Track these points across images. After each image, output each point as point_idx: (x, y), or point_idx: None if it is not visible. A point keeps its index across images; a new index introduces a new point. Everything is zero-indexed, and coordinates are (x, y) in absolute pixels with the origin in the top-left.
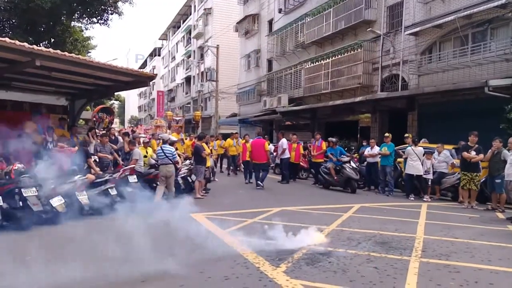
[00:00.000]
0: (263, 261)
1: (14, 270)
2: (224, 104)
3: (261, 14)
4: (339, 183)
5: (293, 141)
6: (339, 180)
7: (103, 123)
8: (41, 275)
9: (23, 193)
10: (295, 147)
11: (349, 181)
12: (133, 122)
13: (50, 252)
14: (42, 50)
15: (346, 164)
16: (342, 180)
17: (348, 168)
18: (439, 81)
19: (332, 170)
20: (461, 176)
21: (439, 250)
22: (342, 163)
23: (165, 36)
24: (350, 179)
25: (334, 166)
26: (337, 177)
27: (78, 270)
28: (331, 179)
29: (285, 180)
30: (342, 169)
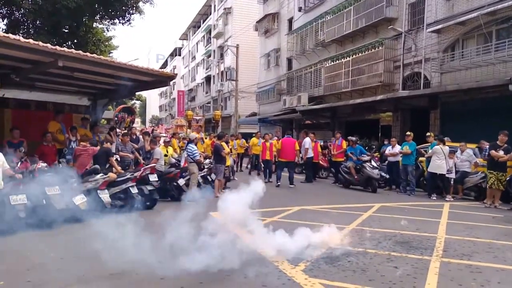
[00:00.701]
0: (282, 259)
1: (42, 267)
2: (243, 103)
3: (280, 13)
4: (360, 182)
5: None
6: (359, 179)
7: (125, 122)
8: (67, 272)
9: (47, 191)
10: (312, 146)
11: (370, 181)
12: (154, 122)
13: (75, 249)
14: (64, 51)
15: (367, 163)
16: (362, 180)
17: (369, 167)
18: (462, 79)
19: (353, 169)
20: (488, 175)
21: (461, 250)
22: (363, 162)
23: (186, 36)
24: (370, 178)
25: (354, 165)
26: (358, 176)
27: (100, 266)
28: (351, 178)
29: (308, 179)
30: (363, 168)
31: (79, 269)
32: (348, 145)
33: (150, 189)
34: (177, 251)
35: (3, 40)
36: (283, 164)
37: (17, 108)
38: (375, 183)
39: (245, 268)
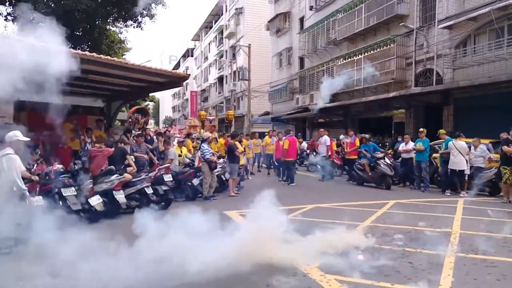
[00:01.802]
0: (296, 256)
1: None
2: (256, 102)
3: (292, 12)
4: (374, 179)
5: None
6: (373, 176)
7: (139, 123)
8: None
9: (63, 193)
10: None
11: (384, 178)
12: (167, 123)
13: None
14: (78, 53)
15: (380, 160)
16: (376, 177)
17: (383, 164)
18: (474, 74)
19: (366, 166)
20: (502, 171)
21: (476, 245)
22: (376, 159)
23: (198, 37)
24: (384, 175)
25: (368, 163)
26: (372, 173)
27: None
28: (365, 176)
29: (327, 177)
30: (376, 165)
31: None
32: (362, 143)
33: (165, 189)
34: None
35: None
36: (288, 163)
37: (32, 111)
38: (389, 180)
39: (260, 266)
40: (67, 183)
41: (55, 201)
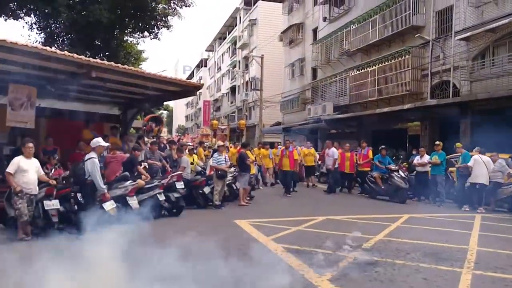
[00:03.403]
0: (307, 268)
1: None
2: (268, 112)
3: (305, 23)
4: (387, 192)
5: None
6: (386, 189)
7: (153, 131)
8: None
9: (78, 197)
10: (348, 156)
11: (398, 191)
12: (180, 131)
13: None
14: (97, 62)
15: (395, 173)
16: (390, 190)
17: (397, 177)
18: (493, 87)
19: (378, 179)
20: None
21: (494, 262)
22: (391, 171)
23: (212, 47)
24: (399, 188)
25: (380, 175)
26: (385, 186)
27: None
28: (377, 188)
29: (330, 190)
30: (391, 178)
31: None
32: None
33: (176, 196)
34: (198, 259)
35: (42, 52)
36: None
37: (51, 117)
38: (404, 193)
39: (271, 277)
40: None
41: (71, 205)
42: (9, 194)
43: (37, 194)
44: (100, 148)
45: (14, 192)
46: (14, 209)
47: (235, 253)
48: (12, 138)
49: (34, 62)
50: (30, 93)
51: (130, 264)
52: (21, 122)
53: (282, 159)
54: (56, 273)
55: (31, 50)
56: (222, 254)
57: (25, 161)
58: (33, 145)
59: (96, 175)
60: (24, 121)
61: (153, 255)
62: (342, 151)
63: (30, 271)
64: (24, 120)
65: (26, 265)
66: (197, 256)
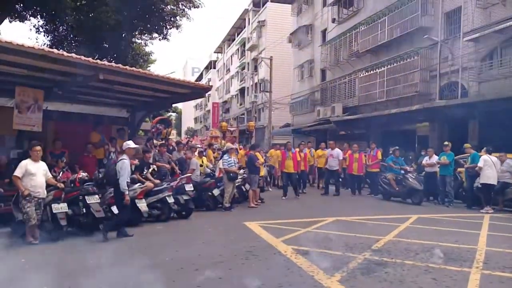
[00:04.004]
0: (317, 270)
1: (81, 274)
2: (277, 114)
3: (314, 25)
4: (401, 194)
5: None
6: (400, 190)
7: (161, 134)
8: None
9: (87, 200)
10: (357, 157)
11: (413, 192)
12: (189, 133)
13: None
14: (105, 64)
15: (409, 174)
16: (404, 191)
17: (411, 179)
18: (501, 87)
19: (392, 180)
20: None
21: (503, 262)
22: (405, 172)
23: (220, 49)
24: (414, 189)
25: (394, 176)
26: (399, 187)
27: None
28: (391, 190)
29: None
30: (405, 179)
31: (117, 276)
32: (391, 155)
33: (186, 199)
34: (208, 260)
35: (49, 54)
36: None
37: (59, 120)
38: (420, 194)
39: (280, 278)
40: (91, 191)
41: (80, 208)
42: (16, 197)
43: (45, 198)
44: (130, 150)
45: (22, 196)
46: (22, 213)
47: (245, 255)
48: (20, 142)
49: (40, 64)
50: (37, 96)
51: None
52: (28, 125)
53: (284, 161)
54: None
55: (38, 52)
56: (231, 256)
57: (32, 165)
58: (41, 148)
59: (123, 175)
60: (31, 124)
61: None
62: (351, 152)
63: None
64: (31, 123)
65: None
66: (206, 259)
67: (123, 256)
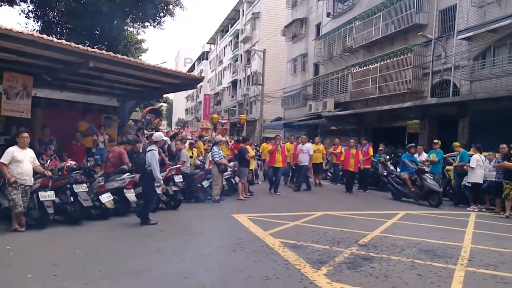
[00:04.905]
0: (304, 263)
1: (68, 262)
2: (269, 108)
3: (309, 18)
4: (417, 195)
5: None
6: (417, 192)
7: (152, 124)
8: (92, 268)
9: (74, 189)
10: (353, 153)
11: (430, 194)
12: (180, 124)
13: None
14: (95, 52)
15: (426, 175)
16: (421, 193)
17: (429, 179)
18: (492, 87)
19: (408, 180)
20: (504, 186)
21: (487, 260)
22: (422, 173)
23: (213, 40)
24: (431, 191)
25: (409, 176)
26: (414, 188)
27: (124, 263)
28: (405, 191)
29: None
30: (422, 180)
31: (104, 265)
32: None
33: (175, 190)
34: (196, 250)
35: (38, 40)
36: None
37: (48, 107)
38: (440, 196)
39: (266, 270)
40: (79, 180)
41: (67, 197)
42: (3, 184)
43: (32, 185)
44: (161, 141)
45: (8, 183)
46: (8, 200)
47: (232, 247)
48: (7, 128)
49: (30, 50)
50: (26, 82)
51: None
52: (17, 111)
53: (275, 155)
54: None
55: (26, 37)
56: (219, 248)
57: (19, 152)
58: (29, 135)
59: (154, 165)
60: (20, 110)
61: (150, 249)
62: (346, 147)
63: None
64: (20, 110)
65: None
66: (194, 250)
67: (109, 246)
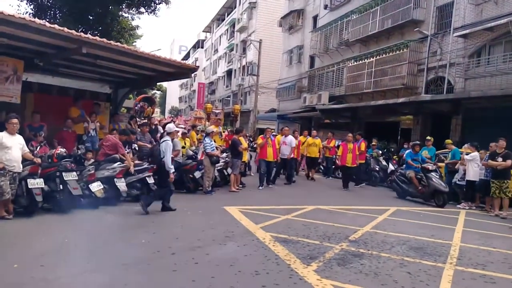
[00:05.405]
0: (294, 258)
1: (56, 252)
2: (263, 99)
3: (306, 10)
4: (424, 195)
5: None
6: (423, 191)
7: (144, 112)
8: (81, 258)
9: (64, 177)
10: (351, 148)
11: (437, 194)
12: (173, 113)
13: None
14: (89, 38)
15: (432, 174)
16: (427, 192)
17: (435, 179)
18: (486, 85)
19: (415, 179)
20: (491, 184)
21: (476, 259)
22: (427, 171)
23: (209, 28)
24: (437, 191)
25: (415, 174)
26: (421, 187)
27: (114, 255)
28: (411, 190)
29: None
30: (427, 179)
31: (92, 257)
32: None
33: None
34: (185, 243)
35: (30, 24)
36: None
37: (39, 93)
38: (445, 196)
39: (256, 265)
40: (69, 168)
41: (56, 185)
42: None
43: (21, 172)
44: (175, 133)
45: None
46: None
47: (223, 240)
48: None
49: (21, 34)
50: (16, 66)
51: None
52: (6, 96)
53: (266, 149)
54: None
55: (18, 21)
56: (209, 241)
57: (8, 138)
58: (18, 121)
59: (167, 155)
60: (10, 95)
61: (139, 240)
62: (344, 142)
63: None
64: (10, 95)
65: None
66: (183, 243)
67: (98, 237)
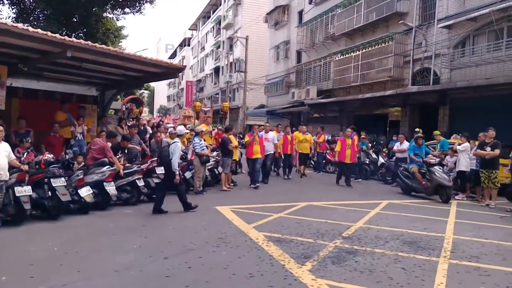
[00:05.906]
0: (288, 258)
1: (45, 262)
2: (252, 95)
3: (291, 5)
4: (428, 189)
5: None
6: (427, 186)
7: (132, 113)
8: (71, 267)
9: (52, 183)
10: (349, 143)
11: (440, 188)
12: (162, 112)
13: (80, 243)
14: (73, 41)
15: (435, 168)
16: (430, 187)
17: (438, 173)
18: (472, 75)
19: (417, 174)
20: (480, 174)
21: (469, 251)
22: (430, 166)
23: (195, 26)
24: (441, 186)
25: (418, 169)
26: (425, 182)
27: (104, 262)
28: (415, 185)
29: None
30: (431, 173)
31: (83, 265)
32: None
33: (156, 182)
34: (177, 247)
35: (12, 29)
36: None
37: (25, 98)
38: (449, 191)
39: (251, 267)
40: (57, 174)
41: (44, 191)
42: None
43: (8, 180)
44: (185, 135)
45: None
46: None
47: (216, 242)
48: None
49: (4, 39)
50: (0, 72)
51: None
52: None
53: (253, 146)
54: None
55: (0, 26)
56: (202, 243)
57: None
58: (3, 128)
59: (175, 157)
60: None
61: (133, 243)
62: (343, 137)
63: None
64: None
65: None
66: (176, 247)
67: (89, 243)
